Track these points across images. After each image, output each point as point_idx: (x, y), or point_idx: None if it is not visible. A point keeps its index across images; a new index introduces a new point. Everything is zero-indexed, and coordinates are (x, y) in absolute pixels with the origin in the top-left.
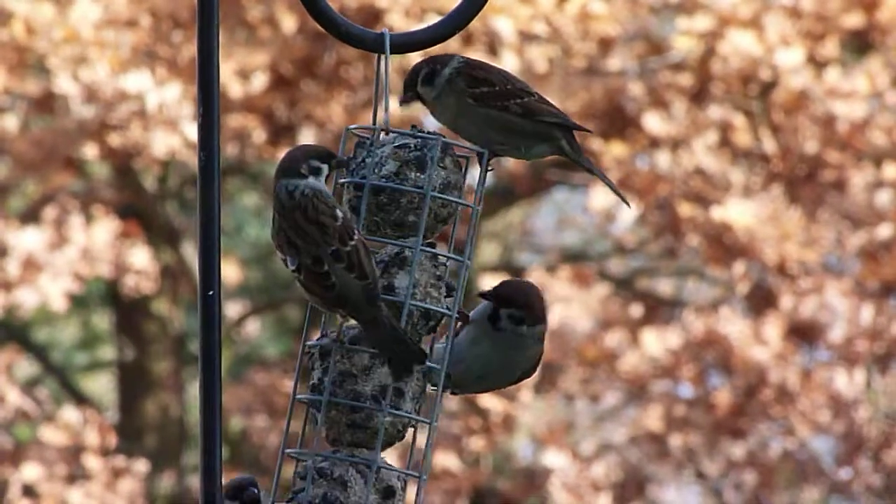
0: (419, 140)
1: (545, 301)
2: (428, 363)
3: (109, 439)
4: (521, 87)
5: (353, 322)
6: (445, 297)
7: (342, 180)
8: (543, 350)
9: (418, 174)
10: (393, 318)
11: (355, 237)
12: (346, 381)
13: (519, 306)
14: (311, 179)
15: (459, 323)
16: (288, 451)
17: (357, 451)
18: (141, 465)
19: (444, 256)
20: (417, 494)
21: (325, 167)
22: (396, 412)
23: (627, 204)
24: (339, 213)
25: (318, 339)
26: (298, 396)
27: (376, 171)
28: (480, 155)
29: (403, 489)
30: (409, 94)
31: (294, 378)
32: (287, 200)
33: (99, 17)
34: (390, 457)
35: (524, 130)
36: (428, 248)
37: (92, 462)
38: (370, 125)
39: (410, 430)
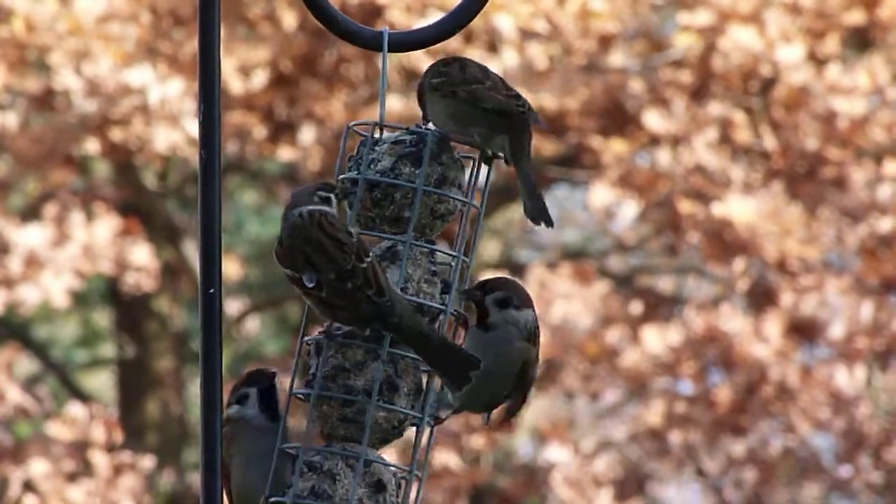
0: (416, 136)
1: (527, 292)
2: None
3: (115, 435)
4: (476, 77)
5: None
6: (441, 293)
7: (339, 177)
8: (537, 357)
9: (413, 169)
10: (437, 330)
11: (370, 255)
12: (339, 375)
13: (502, 288)
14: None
15: (462, 330)
16: (283, 446)
17: (350, 445)
18: (147, 461)
19: (441, 252)
20: (416, 492)
21: (332, 196)
22: (390, 407)
23: (549, 224)
24: (353, 231)
25: (316, 335)
26: (294, 391)
27: (372, 167)
28: (481, 153)
29: (399, 486)
30: (421, 102)
31: (291, 375)
32: (300, 220)
33: (102, 11)
34: (390, 453)
35: (472, 118)
36: (420, 244)
37: (98, 458)
38: (371, 121)
39: (413, 428)
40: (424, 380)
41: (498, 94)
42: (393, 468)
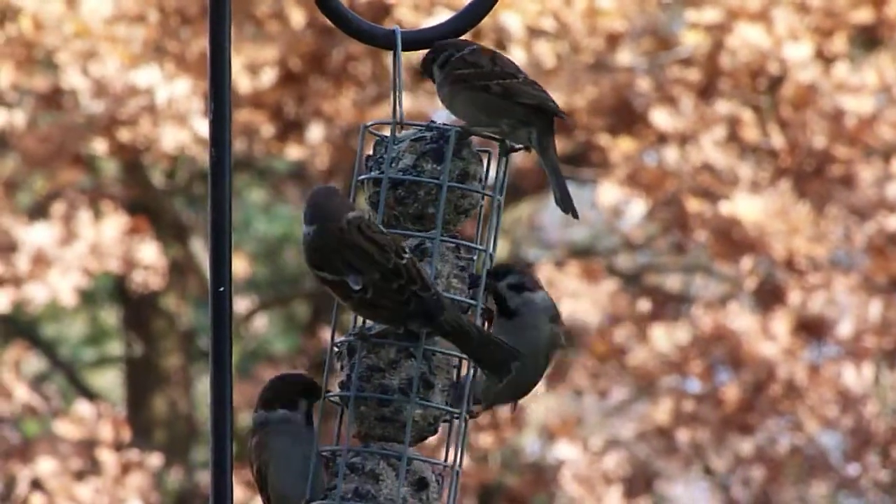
0: (435, 132)
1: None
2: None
3: (123, 433)
4: (508, 71)
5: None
6: (470, 287)
7: (361, 177)
8: (563, 336)
9: (435, 165)
10: (474, 323)
11: (407, 251)
12: (373, 375)
13: (511, 272)
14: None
15: (486, 322)
16: (321, 448)
17: (388, 445)
18: (154, 460)
19: (467, 246)
20: (453, 487)
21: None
22: (427, 403)
23: (575, 216)
24: (384, 230)
25: (346, 337)
26: (328, 395)
27: (394, 165)
28: (501, 145)
29: (438, 482)
30: (427, 70)
31: (324, 378)
32: (345, 224)
33: (109, 12)
34: (425, 450)
35: (504, 111)
36: (448, 239)
37: (105, 456)
38: (386, 120)
39: (444, 425)
40: (456, 375)
41: (533, 90)
42: (430, 465)
